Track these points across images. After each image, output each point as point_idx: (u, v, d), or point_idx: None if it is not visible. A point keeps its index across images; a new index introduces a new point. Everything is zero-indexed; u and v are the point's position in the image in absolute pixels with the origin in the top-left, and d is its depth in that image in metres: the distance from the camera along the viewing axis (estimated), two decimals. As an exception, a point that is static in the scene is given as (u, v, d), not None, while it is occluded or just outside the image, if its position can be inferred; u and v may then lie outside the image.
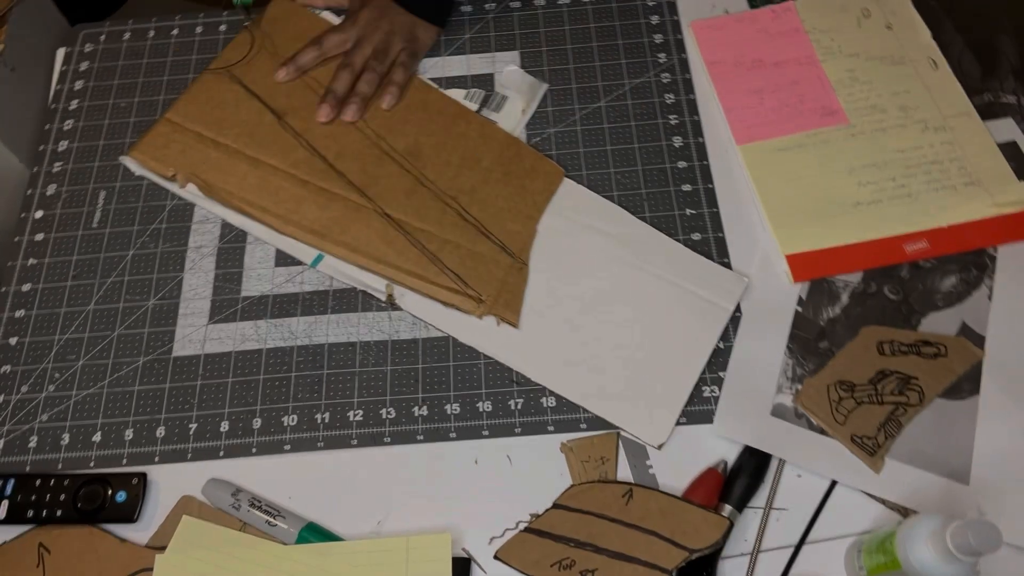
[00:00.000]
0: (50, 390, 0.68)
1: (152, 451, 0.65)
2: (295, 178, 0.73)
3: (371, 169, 0.74)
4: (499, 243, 0.70)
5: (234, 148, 0.74)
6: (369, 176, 0.73)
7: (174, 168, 0.74)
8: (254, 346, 0.69)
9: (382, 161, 0.74)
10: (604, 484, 0.62)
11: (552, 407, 0.66)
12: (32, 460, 0.65)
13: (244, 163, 0.74)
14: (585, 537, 0.60)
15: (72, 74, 0.84)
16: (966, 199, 0.72)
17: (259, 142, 0.75)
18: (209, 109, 0.77)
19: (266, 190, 0.73)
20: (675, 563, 0.58)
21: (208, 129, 0.75)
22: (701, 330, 0.67)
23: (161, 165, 0.74)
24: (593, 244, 0.71)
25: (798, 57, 0.80)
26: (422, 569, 0.59)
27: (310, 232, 0.71)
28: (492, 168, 0.74)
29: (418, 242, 0.70)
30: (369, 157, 0.74)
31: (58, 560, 0.61)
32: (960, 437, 0.63)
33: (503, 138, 0.76)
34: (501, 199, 0.73)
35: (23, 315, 0.71)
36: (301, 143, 0.74)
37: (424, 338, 0.69)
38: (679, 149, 0.77)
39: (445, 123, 0.77)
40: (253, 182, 0.73)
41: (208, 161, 0.74)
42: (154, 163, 0.74)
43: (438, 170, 0.74)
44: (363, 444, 0.65)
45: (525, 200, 0.73)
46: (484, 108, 0.79)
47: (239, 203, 0.72)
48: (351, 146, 0.75)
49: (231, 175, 0.73)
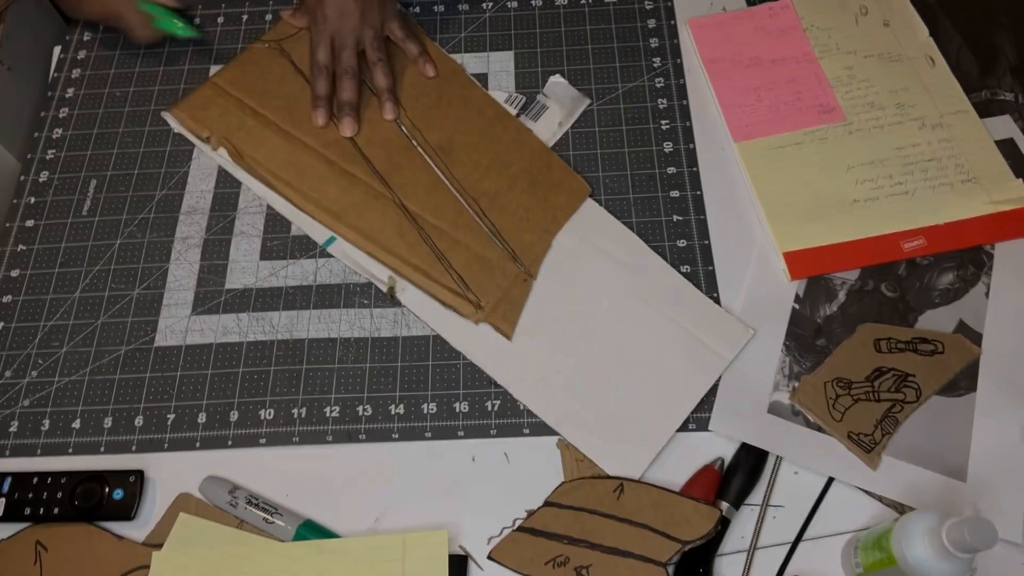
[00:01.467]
0: (33, 376, 0.68)
1: (130, 439, 0.66)
2: (323, 157, 0.74)
3: (397, 158, 0.74)
4: (510, 251, 0.69)
5: (271, 120, 0.76)
6: (393, 165, 0.74)
7: (209, 131, 0.75)
8: (235, 339, 0.69)
9: (410, 152, 0.74)
10: (595, 480, 0.62)
11: (528, 409, 0.65)
12: (12, 445, 0.66)
13: (277, 136, 0.75)
14: (578, 534, 0.60)
15: (69, 63, 0.84)
16: (963, 196, 0.72)
17: (296, 118, 0.76)
18: (254, 79, 0.78)
19: (293, 165, 0.73)
20: (668, 555, 0.58)
21: (250, 98, 0.76)
22: (694, 374, 0.65)
23: (198, 125, 0.75)
24: (603, 269, 0.70)
25: (796, 55, 0.80)
26: (419, 566, 0.59)
27: (327, 212, 0.72)
28: (519, 175, 0.74)
29: (429, 238, 0.69)
30: (398, 147, 0.75)
31: (55, 558, 0.61)
32: (957, 434, 0.63)
33: (536, 147, 0.76)
34: (522, 208, 0.72)
35: (9, 301, 0.72)
36: (335, 123, 0.75)
37: (404, 336, 0.69)
38: (669, 155, 0.77)
39: (482, 124, 0.76)
40: (282, 156, 0.74)
41: (243, 128, 0.75)
42: (192, 123, 0.76)
43: (465, 169, 0.74)
44: (338, 440, 0.65)
45: (546, 213, 0.72)
46: (523, 115, 0.78)
47: (265, 173, 0.73)
48: (382, 133, 0.75)
49: (262, 145, 0.74)
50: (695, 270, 0.71)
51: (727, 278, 0.71)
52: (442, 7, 0.86)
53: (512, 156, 0.75)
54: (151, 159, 0.78)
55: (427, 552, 0.59)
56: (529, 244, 0.71)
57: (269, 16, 0.86)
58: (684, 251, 0.72)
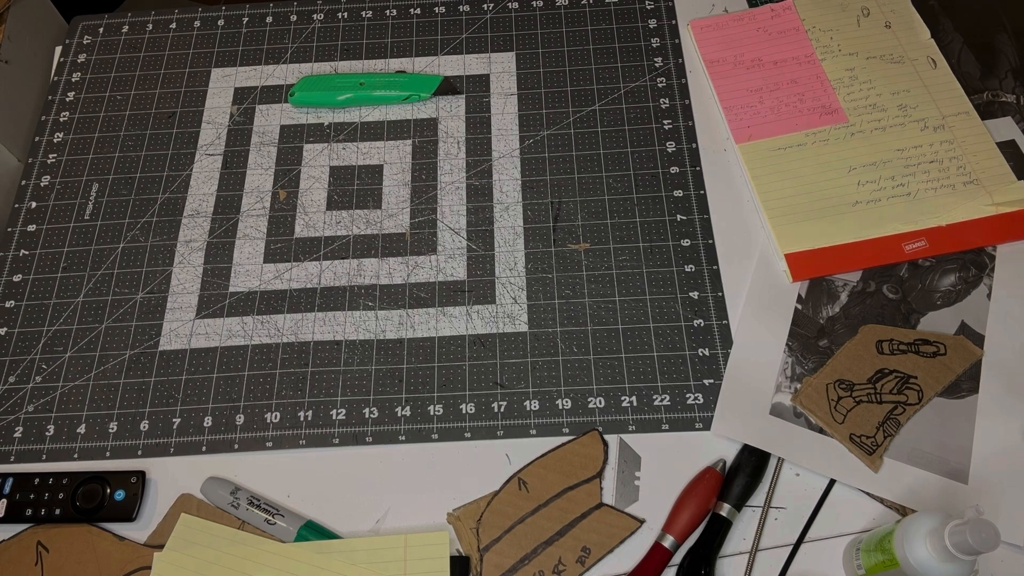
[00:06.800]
0: (36, 381, 0.68)
1: (135, 444, 0.66)
2: None
3: None
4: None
5: None
6: None
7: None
8: (240, 342, 0.69)
9: None
10: (498, 497, 0.62)
11: (535, 411, 0.66)
12: (17, 451, 0.66)
13: None
14: (530, 546, 0.60)
15: (70, 66, 0.84)
16: (965, 198, 0.72)
17: None
18: None
19: None
20: (598, 497, 0.62)
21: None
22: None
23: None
24: None
25: (797, 56, 0.80)
26: (420, 567, 0.59)
27: None
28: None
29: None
30: None
31: (57, 559, 0.61)
32: (959, 436, 0.63)
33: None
34: None
35: (12, 306, 0.72)
36: None
37: (410, 338, 0.69)
38: (672, 154, 0.77)
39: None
40: None
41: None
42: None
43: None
44: (345, 443, 0.65)
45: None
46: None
47: None
48: None
49: None
50: (699, 269, 0.71)
51: (731, 278, 0.71)
52: (443, 8, 0.86)
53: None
54: (153, 162, 0.78)
55: (428, 553, 0.59)
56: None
57: (270, 18, 0.86)
58: (688, 250, 0.72)
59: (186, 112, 0.81)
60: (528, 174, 0.76)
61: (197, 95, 0.82)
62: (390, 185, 0.76)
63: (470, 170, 0.77)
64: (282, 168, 0.78)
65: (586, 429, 0.65)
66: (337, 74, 0.82)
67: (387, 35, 0.85)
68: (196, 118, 0.81)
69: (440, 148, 0.78)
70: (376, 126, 0.80)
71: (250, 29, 0.86)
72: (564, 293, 0.71)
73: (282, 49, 0.85)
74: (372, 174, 0.77)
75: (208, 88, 0.82)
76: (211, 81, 0.83)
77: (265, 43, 0.85)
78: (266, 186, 0.77)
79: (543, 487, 0.62)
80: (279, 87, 0.82)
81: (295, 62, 0.84)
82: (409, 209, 0.75)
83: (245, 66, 0.84)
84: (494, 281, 0.71)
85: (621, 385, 0.67)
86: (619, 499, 0.62)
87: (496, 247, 0.73)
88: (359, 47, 0.84)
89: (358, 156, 0.78)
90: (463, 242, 0.73)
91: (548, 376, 0.67)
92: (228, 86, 0.83)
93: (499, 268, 0.72)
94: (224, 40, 0.85)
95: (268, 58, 0.84)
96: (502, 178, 0.76)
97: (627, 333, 0.69)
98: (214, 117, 0.81)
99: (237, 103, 0.82)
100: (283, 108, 0.81)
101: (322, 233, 0.74)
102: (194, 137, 0.80)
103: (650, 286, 0.70)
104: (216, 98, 0.82)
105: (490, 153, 0.78)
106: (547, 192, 0.75)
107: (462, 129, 0.79)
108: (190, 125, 0.80)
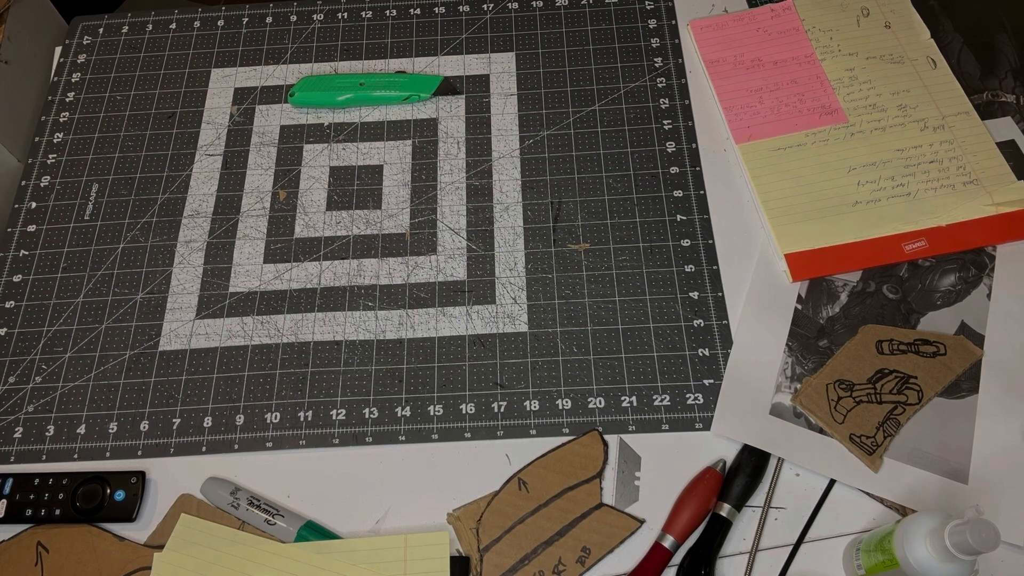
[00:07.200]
0: (36, 381, 0.68)
1: (135, 444, 0.66)
2: None
3: None
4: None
5: None
6: None
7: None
8: (240, 342, 0.69)
9: None
10: (498, 497, 0.62)
11: (535, 411, 0.66)
12: (17, 451, 0.66)
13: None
14: (530, 546, 0.60)
15: (70, 66, 0.84)
16: (965, 198, 0.72)
17: None
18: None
19: None
20: (598, 497, 0.62)
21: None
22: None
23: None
24: None
25: (797, 56, 0.80)
26: (420, 567, 0.59)
27: None
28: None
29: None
30: None
31: (56, 559, 0.61)
32: (959, 436, 0.63)
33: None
34: None
35: (12, 306, 0.72)
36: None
37: (410, 339, 0.69)
38: (672, 154, 0.77)
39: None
40: None
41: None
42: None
43: None
44: (345, 443, 0.65)
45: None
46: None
47: None
48: None
49: None
50: (699, 269, 0.71)
51: (731, 278, 0.71)
52: (443, 8, 0.86)
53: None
54: (153, 163, 0.78)
55: (428, 553, 0.59)
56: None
57: (269, 19, 0.86)
58: (688, 251, 0.72)
59: (186, 112, 0.81)
60: (528, 174, 0.76)
61: (197, 95, 0.82)
62: (390, 185, 0.76)
63: (470, 170, 0.77)
64: (282, 168, 0.78)
65: (586, 429, 0.65)
66: (337, 74, 0.82)
67: (387, 35, 0.85)
68: (196, 118, 0.81)
69: (440, 148, 0.78)
70: (376, 126, 0.80)
71: (250, 29, 0.86)
72: (564, 293, 0.71)
73: (282, 49, 0.85)
74: (372, 174, 0.77)
75: (208, 88, 0.83)
76: (211, 81, 0.83)
77: (265, 43, 0.85)
78: (266, 186, 0.77)
79: (543, 487, 0.62)
80: (279, 87, 0.82)
81: (295, 62, 0.84)
82: (409, 209, 0.75)
83: (245, 66, 0.84)
84: (494, 281, 0.71)
85: (621, 385, 0.67)
86: (619, 499, 0.62)
87: (496, 247, 0.73)
88: (359, 47, 0.84)
89: (358, 156, 0.78)
90: (463, 242, 0.73)
91: (548, 376, 0.67)
92: (228, 86, 0.83)
93: (499, 268, 0.72)
94: (224, 40, 0.85)
95: (268, 58, 0.84)
96: (502, 178, 0.76)
97: (627, 333, 0.69)
98: (214, 117, 0.81)
99: (237, 103, 0.82)
100: (283, 108, 0.81)
101: (322, 233, 0.74)
102: (194, 137, 0.80)
103: (650, 286, 0.70)
104: (216, 98, 0.82)
105: (490, 153, 0.78)
106: (547, 192, 0.75)
107: (462, 129, 0.79)
108: (190, 125, 0.80)
